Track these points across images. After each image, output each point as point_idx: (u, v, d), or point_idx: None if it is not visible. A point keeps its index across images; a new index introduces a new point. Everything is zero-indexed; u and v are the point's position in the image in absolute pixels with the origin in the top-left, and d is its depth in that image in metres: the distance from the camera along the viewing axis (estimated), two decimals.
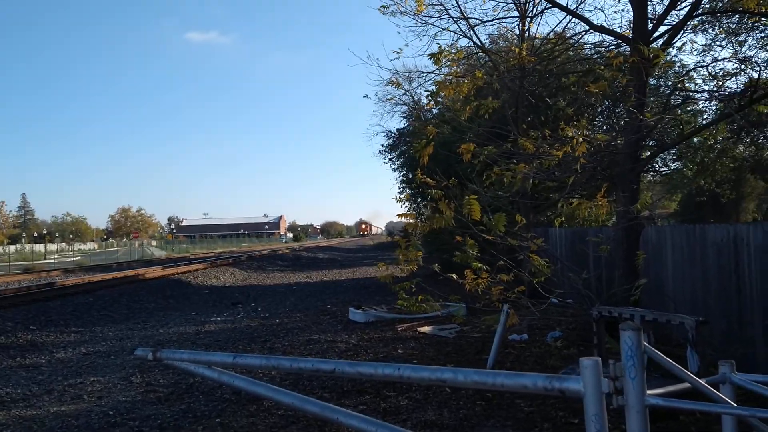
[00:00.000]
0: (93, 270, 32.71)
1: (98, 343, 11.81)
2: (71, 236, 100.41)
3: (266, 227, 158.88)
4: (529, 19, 12.95)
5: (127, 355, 10.08)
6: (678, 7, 9.55)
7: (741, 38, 12.54)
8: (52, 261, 48.83)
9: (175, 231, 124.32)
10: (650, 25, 9.15)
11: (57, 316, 15.13)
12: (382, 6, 11.55)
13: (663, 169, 20.13)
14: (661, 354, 2.88)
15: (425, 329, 11.27)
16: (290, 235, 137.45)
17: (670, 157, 18.86)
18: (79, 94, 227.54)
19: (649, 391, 2.56)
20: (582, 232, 12.70)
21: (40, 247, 66.18)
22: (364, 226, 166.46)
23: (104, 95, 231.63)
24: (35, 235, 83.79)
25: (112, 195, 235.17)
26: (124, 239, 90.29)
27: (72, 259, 52.61)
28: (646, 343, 2.70)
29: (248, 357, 4.98)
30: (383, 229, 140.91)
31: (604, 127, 16.56)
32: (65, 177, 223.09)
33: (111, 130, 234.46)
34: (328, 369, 3.72)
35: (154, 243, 77.72)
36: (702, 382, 2.88)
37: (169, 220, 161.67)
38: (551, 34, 13.13)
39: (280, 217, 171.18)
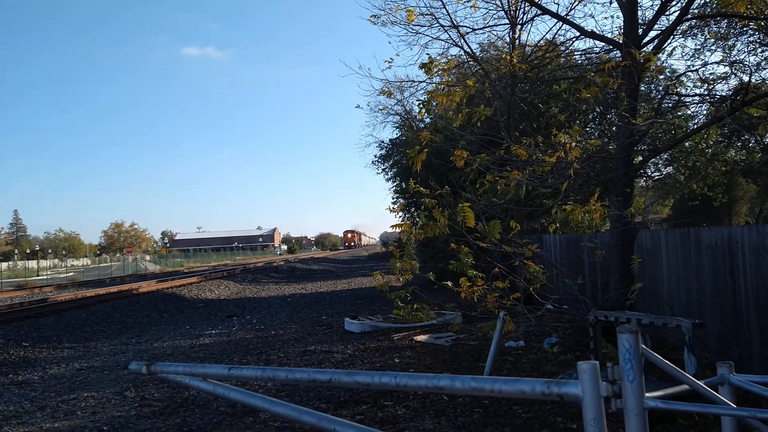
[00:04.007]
0: (86, 285, 32.52)
1: (92, 359, 11.71)
2: (64, 252, 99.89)
3: (260, 240, 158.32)
4: (519, 27, 13.00)
5: (121, 369, 9.99)
6: (668, 13, 9.62)
7: (731, 42, 12.64)
8: (45, 277, 48.48)
9: (168, 245, 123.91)
10: (640, 30, 9.20)
11: (50, 332, 15.00)
12: (372, 16, 11.58)
13: (655, 174, 20.21)
14: (659, 356, 2.86)
15: (421, 338, 11.22)
16: (284, 247, 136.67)
17: (663, 161, 18.95)
18: (72, 110, 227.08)
19: (647, 394, 2.54)
20: (577, 237, 12.71)
21: (32, 264, 65.77)
22: (350, 235, 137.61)
23: (98, 110, 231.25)
24: (28, 251, 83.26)
25: (105, 210, 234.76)
26: (118, 254, 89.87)
27: (65, 275, 52.27)
28: (644, 346, 2.68)
29: (243, 369, 4.94)
30: (377, 239, 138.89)
31: (597, 133, 16.63)
32: (58, 193, 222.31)
33: (103, 146, 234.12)
34: (325, 379, 3.68)
35: (147, 257, 77.34)
36: (701, 383, 2.86)
37: (162, 234, 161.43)
38: (542, 41, 13.18)
39: (274, 229, 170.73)
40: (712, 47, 12.63)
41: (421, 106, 14.67)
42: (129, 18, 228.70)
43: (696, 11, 10.29)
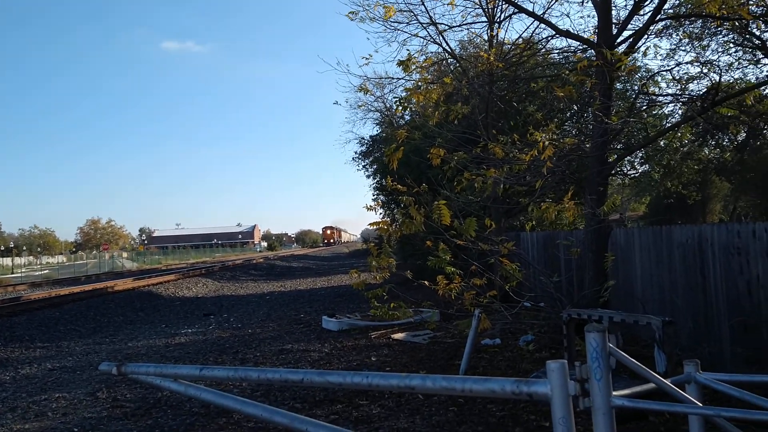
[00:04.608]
0: (61, 283, 32.04)
1: (64, 359, 11.52)
2: (39, 249, 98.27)
3: (240, 237, 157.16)
4: (497, 25, 13.04)
5: (93, 370, 9.84)
6: (642, 13, 9.70)
7: (704, 42, 12.84)
8: (20, 275, 47.66)
9: (146, 242, 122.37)
10: (615, 30, 9.28)
11: (22, 332, 14.75)
12: (350, 12, 11.53)
13: (631, 172, 20.46)
14: (625, 355, 2.88)
15: (399, 336, 11.23)
16: (264, 244, 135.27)
17: (638, 160, 19.19)
18: (47, 106, 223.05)
19: (615, 393, 2.55)
20: (553, 235, 12.79)
21: (7, 261, 64.66)
22: (330, 232, 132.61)
23: (73, 106, 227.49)
24: (2, 248, 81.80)
25: (81, 207, 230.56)
26: (94, 251, 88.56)
27: (40, 272, 51.50)
28: (611, 345, 2.69)
29: (215, 369, 4.88)
30: (358, 236, 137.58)
31: (574, 132, 16.76)
32: (32, 189, 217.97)
33: (79, 141, 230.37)
34: (297, 379, 3.65)
35: (125, 255, 76.31)
36: (667, 382, 2.89)
37: (140, 231, 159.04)
38: (519, 39, 13.24)
39: (254, 226, 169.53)
40: (686, 47, 12.83)
41: (398, 103, 14.66)
42: (108, 13, 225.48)
43: (670, 11, 10.41)
